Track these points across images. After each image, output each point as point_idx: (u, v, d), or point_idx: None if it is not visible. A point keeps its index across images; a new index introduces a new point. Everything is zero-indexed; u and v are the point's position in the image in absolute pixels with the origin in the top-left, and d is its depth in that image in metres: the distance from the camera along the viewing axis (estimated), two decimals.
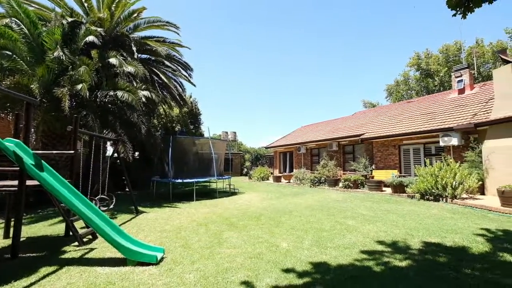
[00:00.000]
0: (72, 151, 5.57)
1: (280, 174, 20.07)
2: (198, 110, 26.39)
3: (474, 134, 9.79)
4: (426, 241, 4.66)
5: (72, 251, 4.59)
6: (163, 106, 16.72)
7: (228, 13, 67.40)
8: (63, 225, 5.97)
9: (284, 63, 76.08)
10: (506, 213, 6.31)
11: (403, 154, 12.83)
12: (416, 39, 54.13)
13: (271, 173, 22.23)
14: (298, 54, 72.52)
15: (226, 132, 34.49)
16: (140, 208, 8.55)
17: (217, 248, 4.64)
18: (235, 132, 35.31)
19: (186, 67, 14.80)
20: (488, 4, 3.35)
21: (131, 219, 7.19)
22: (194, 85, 15.84)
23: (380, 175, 12.65)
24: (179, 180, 11.06)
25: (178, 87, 15.26)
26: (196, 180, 11.19)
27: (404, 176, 11.10)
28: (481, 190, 8.81)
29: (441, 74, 28.63)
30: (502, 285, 3.08)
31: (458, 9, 3.49)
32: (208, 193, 12.93)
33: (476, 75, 24.00)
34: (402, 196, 9.47)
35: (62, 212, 4.76)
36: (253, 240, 5.01)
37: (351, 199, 9.38)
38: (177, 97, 14.78)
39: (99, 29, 9.93)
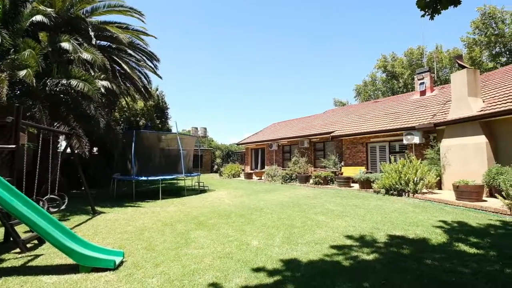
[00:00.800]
0: (14, 145, 4.94)
1: (252, 171, 20.10)
2: (166, 104, 25.35)
3: (433, 133, 10.64)
4: (391, 234, 4.93)
5: (13, 259, 4.07)
6: (126, 98, 15.72)
7: (199, 7, 65.59)
8: (1, 230, 5.30)
9: (256, 60, 76.28)
10: (460, 206, 6.95)
11: (370, 151, 13.56)
12: (385, 42, 57.67)
13: (243, 170, 22.19)
14: (270, 52, 73.17)
15: (196, 128, 33.65)
16: (98, 209, 7.94)
17: (184, 248, 4.44)
18: (205, 128, 34.61)
19: (152, 57, 14.03)
20: (454, 7, 3.59)
21: (87, 220, 6.64)
22: (161, 77, 15.12)
23: (348, 171, 13.24)
24: (143, 178, 10.50)
25: (143, 79, 14.43)
26: (162, 177, 10.71)
27: (371, 173, 11.74)
28: (439, 185, 9.63)
29: (405, 77, 30.80)
30: (458, 272, 3.33)
31: (426, 10, 3.69)
32: (175, 191, 12.47)
33: (435, 78, 26.21)
34: (368, 191, 10.00)
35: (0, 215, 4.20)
36: (222, 239, 4.89)
37: (321, 195, 9.67)
38: (142, 89, 13.97)
39: (49, 9, 8.94)
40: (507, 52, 25.03)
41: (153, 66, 14.31)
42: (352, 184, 11.61)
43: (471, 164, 8.55)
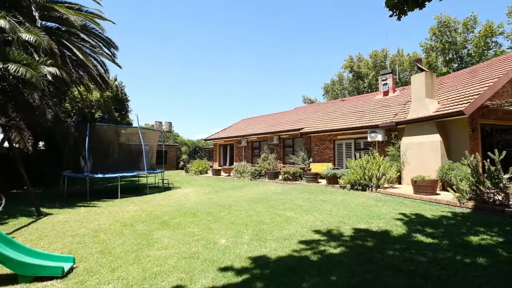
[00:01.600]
0: None
1: (220, 167, 19.87)
2: (126, 95, 23.82)
3: (395, 132, 11.44)
4: (356, 227, 5.18)
5: None
6: (79, 87, 14.44)
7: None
8: None
9: (226, 55, 75.34)
10: (417, 199, 7.58)
11: (337, 148, 14.18)
12: (353, 42, 60.56)
13: (210, 167, 21.85)
14: (241, 47, 72.76)
15: (160, 122, 32.23)
16: (44, 210, 7.20)
17: (145, 250, 4.20)
18: (170, 123, 33.31)
19: (109, 44, 13.02)
20: (419, 9, 3.83)
21: (30, 223, 5.97)
22: (120, 66, 14.08)
23: (316, 167, 13.72)
24: (99, 175, 9.76)
25: (99, 67, 13.35)
26: (121, 174, 10.05)
27: (337, 169, 12.28)
28: (399, 180, 10.40)
29: (369, 77, 32.73)
30: (416, 261, 3.60)
31: (394, 10, 3.88)
32: (137, 189, 11.82)
33: (397, 80, 28.25)
34: (335, 187, 10.45)
35: None
36: (188, 239, 4.72)
37: (290, 191, 9.87)
38: (97, 78, 12.91)
39: None
40: (458, 59, 27.87)
41: (110, 54, 13.31)
42: (320, 180, 12.04)
43: (427, 160, 9.36)
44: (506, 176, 5.96)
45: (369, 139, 11.75)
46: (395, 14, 3.94)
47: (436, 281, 3.06)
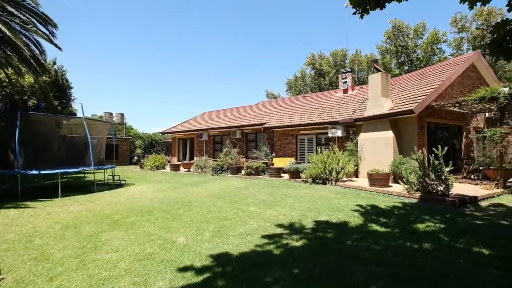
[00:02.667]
0: None
1: (179, 162, 19.19)
2: (68, 82, 21.55)
3: (353, 128, 12.19)
4: (317, 220, 5.40)
5: None
6: (6, 69, 12.63)
7: None
8: None
9: (187, 45, 72.60)
10: (372, 191, 8.20)
11: (300, 143, 14.66)
12: (315, 39, 62.80)
13: (168, 162, 20.98)
14: (201, 38, 70.70)
15: (111, 113, 29.91)
16: None
17: (91, 254, 3.84)
18: (122, 114, 31.10)
19: (46, 21, 11.56)
20: (380, 9, 4.06)
21: None
22: (60, 48, 12.50)
23: (279, 162, 14.03)
24: (34, 172, 8.68)
25: (33, 47, 11.84)
26: (62, 170, 9.07)
27: (299, 163, 12.70)
28: (356, 173, 11.14)
29: (330, 75, 34.38)
30: (372, 250, 3.87)
31: (357, 8, 4.06)
32: (82, 187, 10.80)
33: (356, 78, 30.17)
34: (297, 181, 10.80)
35: None
36: (143, 239, 4.45)
37: (253, 186, 9.93)
38: (31, 60, 11.44)
39: None
40: (409, 62, 30.69)
41: (48, 33, 11.84)
42: (282, 175, 12.33)
43: (381, 155, 10.17)
44: (447, 169, 6.74)
45: (329, 135, 12.34)
46: (358, 12, 4.12)
47: (390, 266, 3.32)
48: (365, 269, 3.25)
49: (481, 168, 9.97)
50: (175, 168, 17.36)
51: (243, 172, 13.43)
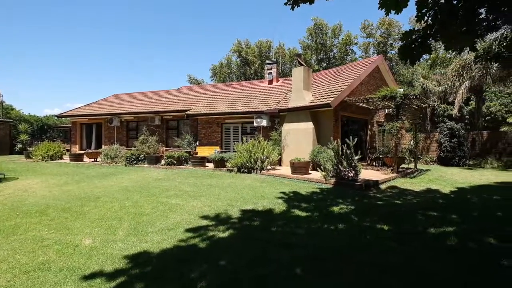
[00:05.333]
0: None
1: (83, 152, 16.66)
2: None
3: (277, 118, 12.87)
4: (244, 209, 5.50)
5: None
6: None
7: None
8: None
9: (92, 23, 62.69)
10: (294, 179, 8.87)
11: (225, 132, 14.64)
12: (241, 25, 63.01)
13: (67, 151, 18.02)
14: (109, 16, 62.21)
15: None
16: None
17: None
18: None
19: None
20: (309, 4, 4.27)
21: None
22: None
23: (204, 151, 13.72)
24: None
25: None
26: None
27: (225, 152, 12.71)
28: (280, 162, 11.87)
29: (256, 65, 35.33)
30: (296, 234, 4.17)
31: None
32: None
33: (280, 71, 31.85)
34: (222, 170, 10.79)
35: None
36: (32, 245, 3.66)
37: (174, 176, 9.42)
38: None
39: None
40: (327, 60, 34.14)
41: None
42: (207, 164, 12.12)
43: (303, 145, 11.07)
44: (356, 157, 7.81)
45: (255, 124, 12.71)
46: (289, 3, 4.25)
47: (311, 248, 3.62)
48: (290, 253, 3.45)
49: (381, 156, 11.97)
50: (77, 158, 14.98)
51: (163, 162, 12.62)
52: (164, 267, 3.12)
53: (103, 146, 17.16)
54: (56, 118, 23.45)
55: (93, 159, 14.94)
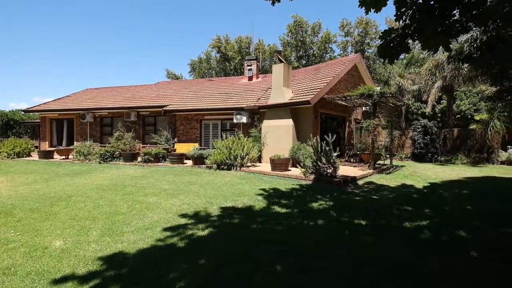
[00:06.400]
0: None
1: (53, 148, 15.79)
2: None
3: (257, 115, 12.87)
4: (223, 206, 5.47)
5: None
6: None
7: None
8: None
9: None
10: (274, 175, 8.93)
11: (204, 128, 14.44)
12: (221, 21, 62.11)
13: (36, 147, 17.01)
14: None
15: None
16: None
17: None
18: None
19: None
20: (290, 0, 4.32)
21: None
22: None
23: (182, 148, 13.46)
24: None
25: None
26: None
27: (204, 149, 12.54)
28: (260, 159, 11.91)
29: (236, 61, 35.06)
30: (275, 231, 4.21)
31: None
32: None
33: (260, 67, 31.81)
34: (202, 167, 10.66)
35: None
36: None
37: (151, 174, 9.17)
38: None
39: None
40: (307, 57, 34.54)
41: None
42: (185, 161, 11.91)
43: (282, 141, 11.16)
44: (335, 154, 8.00)
45: (235, 121, 12.64)
46: None
47: (291, 244, 3.67)
48: (270, 250, 3.48)
49: (358, 153, 12.34)
50: (47, 155, 14.18)
51: (139, 159, 12.25)
52: (141, 268, 3.04)
53: (75, 142, 16.36)
54: (23, 113, 21.97)
55: (64, 157, 14.21)
